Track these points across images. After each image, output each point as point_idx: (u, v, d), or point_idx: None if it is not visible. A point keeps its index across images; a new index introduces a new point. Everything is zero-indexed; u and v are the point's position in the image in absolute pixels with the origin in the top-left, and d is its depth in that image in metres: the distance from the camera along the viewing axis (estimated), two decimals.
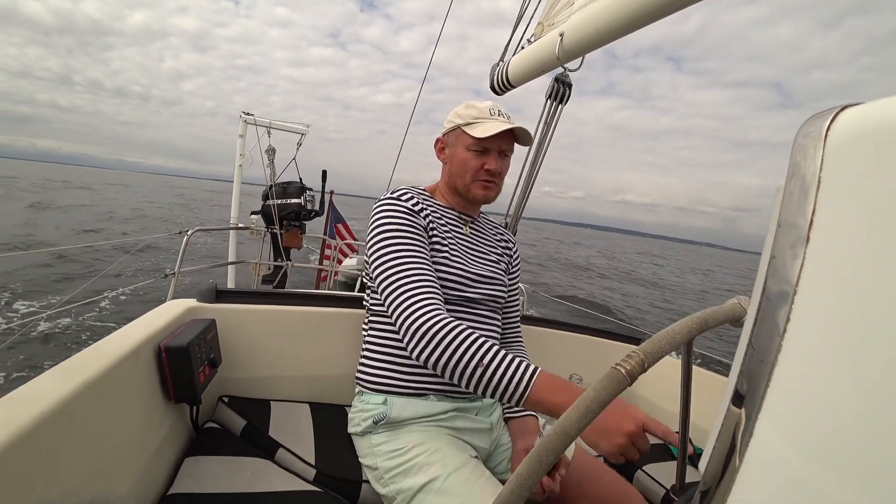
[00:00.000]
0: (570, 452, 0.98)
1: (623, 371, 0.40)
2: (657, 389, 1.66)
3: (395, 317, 0.92)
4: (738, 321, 0.48)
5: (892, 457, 0.21)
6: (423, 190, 1.16)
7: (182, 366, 0.92)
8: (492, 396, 0.85)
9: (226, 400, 1.14)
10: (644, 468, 1.30)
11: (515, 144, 1.12)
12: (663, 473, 1.29)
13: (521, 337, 1.29)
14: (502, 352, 0.85)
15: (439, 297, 0.94)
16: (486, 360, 0.83)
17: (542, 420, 1.08)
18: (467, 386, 0.85)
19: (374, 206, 1.05)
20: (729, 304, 0.49)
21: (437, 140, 1.17)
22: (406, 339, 0.90)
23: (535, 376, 0.82)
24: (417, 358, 0.89)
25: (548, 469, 0.41)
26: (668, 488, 1.23)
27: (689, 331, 0.44)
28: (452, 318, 0.89)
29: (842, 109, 0.25)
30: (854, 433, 0.22)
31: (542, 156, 1.67)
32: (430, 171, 1.20)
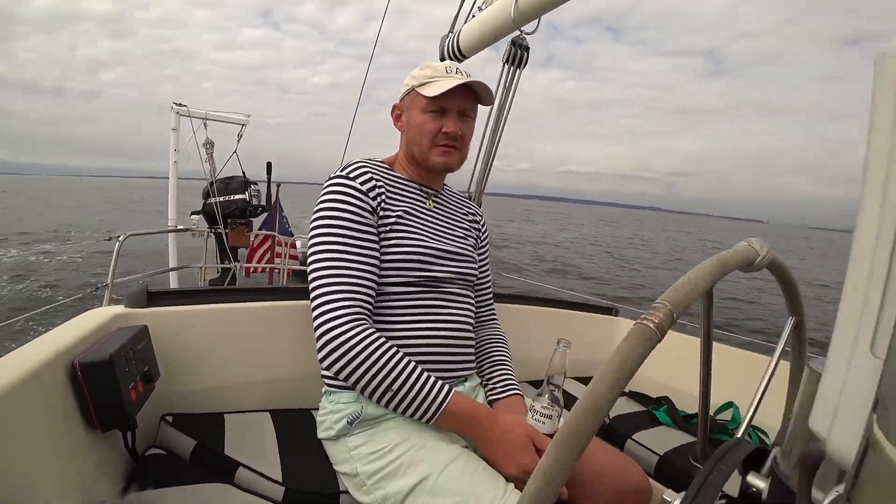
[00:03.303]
0: (561, 421, 0.92)
1: (652, 325, 0.34)
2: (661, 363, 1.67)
3: (314, 322, 0.86)
4: (750, 265, 0.46)
5: None
6: (381, 162, 1.05)
7: (104, 385, 0.76)
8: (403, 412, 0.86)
9: (169, 419, 0.99)
10: (633, 437, 1.27)
11: (479, 106, 1.03)
12: (653, 440, 1.27)
13: (495, 315, 1.22)
14: (415, 372, 0.85)
15: (363, 304, 0.89)
16: (395, 386, 0.83)
17: (528, 400, 1.02)
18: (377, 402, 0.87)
19: (325, 183, 0.96)
20: (741, 246, 0.46)
21: (394, 107, 1.08)
22: (318, 347, 0.85)
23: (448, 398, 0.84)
24: (326, 367, 0.86)
25: (579, 456, 0.34)
26: (662, 454, 1.20)
27: (712, 275, 0.39)
28: (366, 330, 0.85)
29: None
30: None
31: (503, 120, 1.61)
32: (378, 152, 1.12)
